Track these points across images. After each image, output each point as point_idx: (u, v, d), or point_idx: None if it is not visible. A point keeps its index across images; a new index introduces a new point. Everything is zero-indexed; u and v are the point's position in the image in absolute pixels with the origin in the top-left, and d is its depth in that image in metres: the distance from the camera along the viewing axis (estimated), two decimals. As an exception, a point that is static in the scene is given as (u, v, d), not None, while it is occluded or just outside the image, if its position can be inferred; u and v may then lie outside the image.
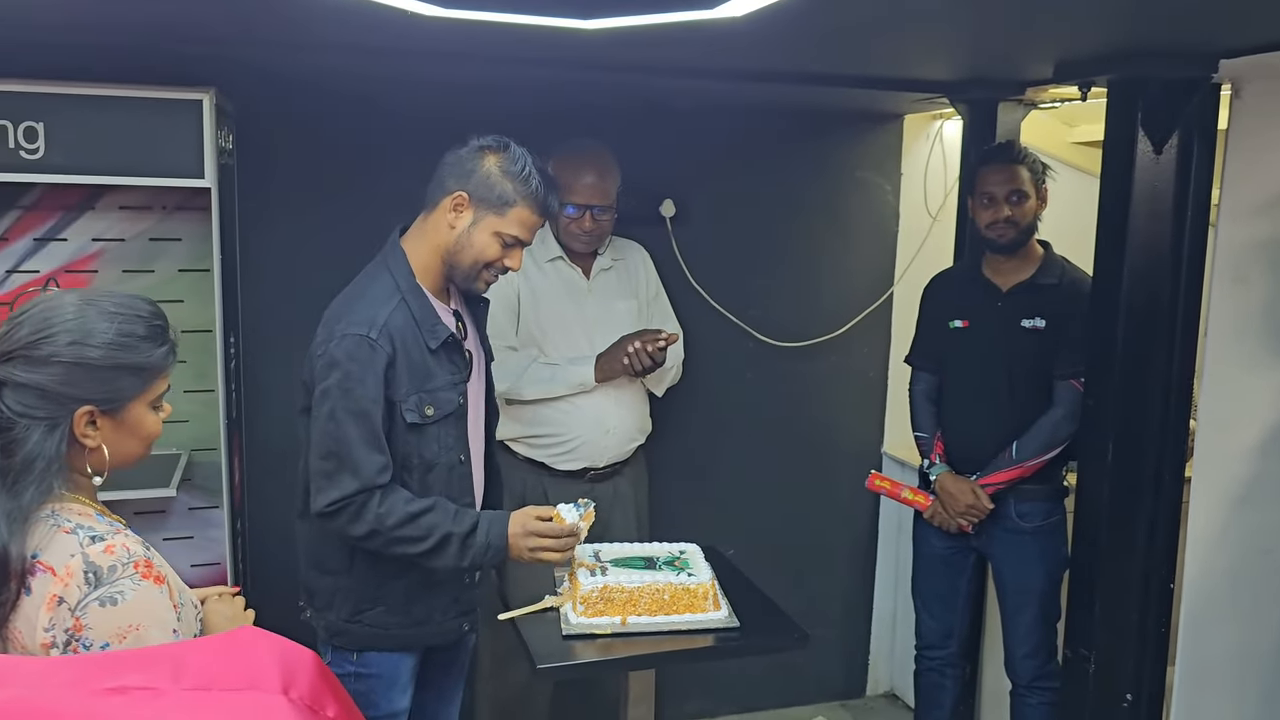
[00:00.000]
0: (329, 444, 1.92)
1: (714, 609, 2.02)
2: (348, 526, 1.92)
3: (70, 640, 1.22)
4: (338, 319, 1.97)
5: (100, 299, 1.37)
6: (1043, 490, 2.76)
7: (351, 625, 2.03)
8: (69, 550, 1.25)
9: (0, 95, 2.28)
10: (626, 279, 2.89)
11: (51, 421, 1.29)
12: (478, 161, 1.99)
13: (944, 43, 2.30)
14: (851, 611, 3.69)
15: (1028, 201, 2.67)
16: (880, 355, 3.55)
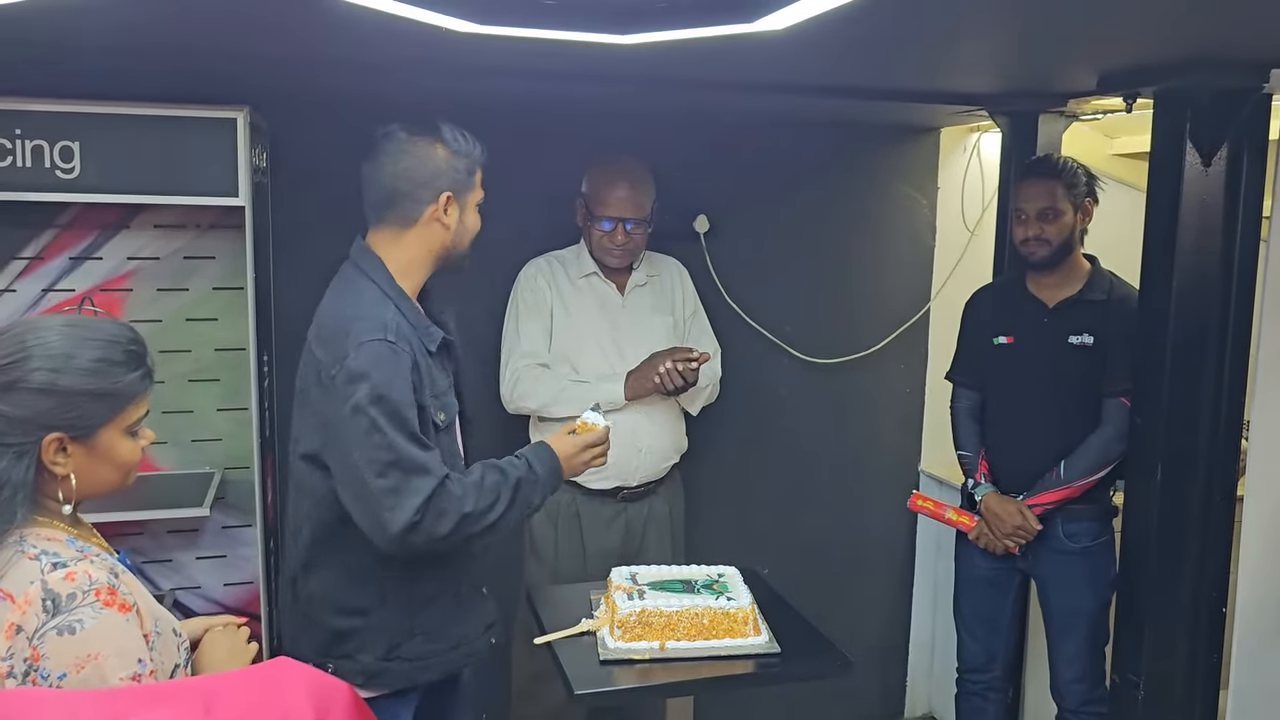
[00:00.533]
0: (383, 457, 1.76)
1: (754, 634, 1.97)
2: (435, 527, 1.78)
3: (29, 670, 1.18)
4: (341, 334, 1.83)
5: (74, 325, 1.34)
6: (1091, 510, 2.69)
7: (389, 664, 1.91)
8: (29, 577, 1.21)
9: (37, 115, 2.28)
10: (662, 295, 2.85)
11: (19, 448, 1.26)
12: (432, 160, 1.94)
13: (985, 54, 2.25)
14: (889, 632, 3.63)
15: (1061, 218, 2.62)
16: (917, 372, 3.49)
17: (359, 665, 1.90)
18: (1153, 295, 2.39)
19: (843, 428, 3.46)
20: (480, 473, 1.88)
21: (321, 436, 1.87)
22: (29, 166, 2.29)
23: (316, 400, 1.87)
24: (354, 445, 1.78)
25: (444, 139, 1.96)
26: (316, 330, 1.94)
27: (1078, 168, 2.66)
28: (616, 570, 2.16)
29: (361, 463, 1.78)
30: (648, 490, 2.77)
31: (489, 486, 1.86)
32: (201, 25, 1.88)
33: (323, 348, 1.87)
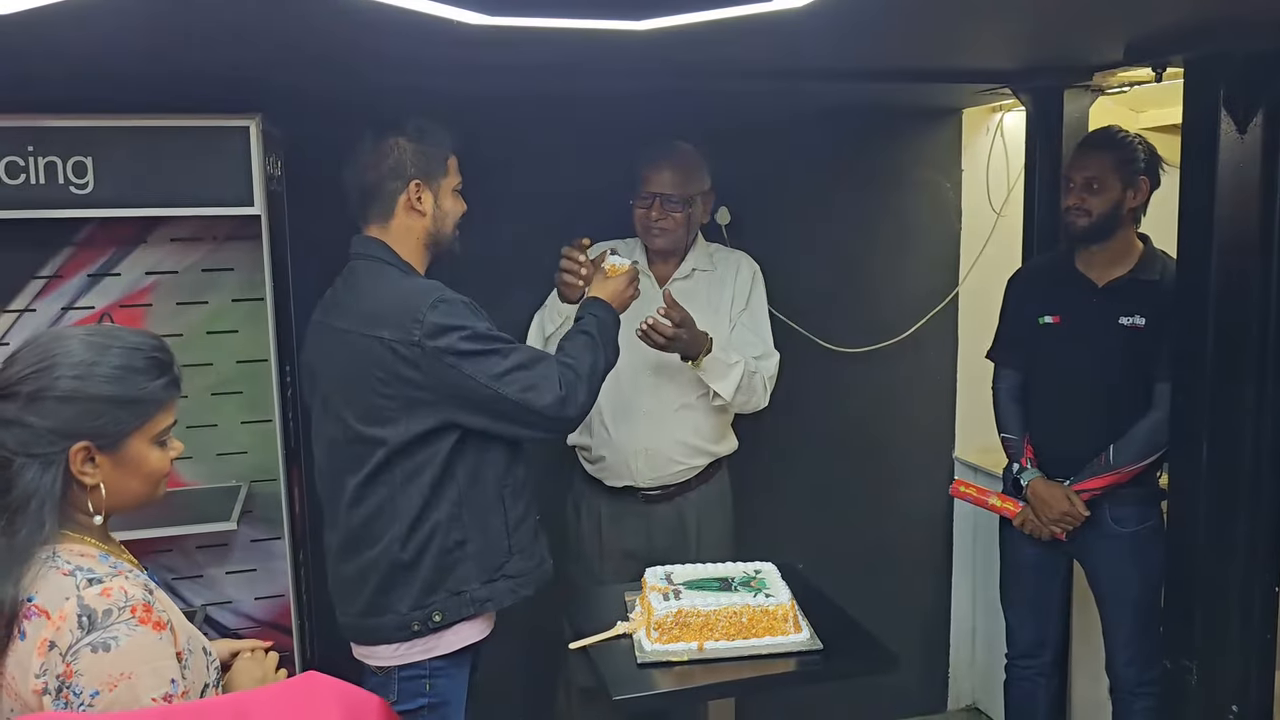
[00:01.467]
0: (501, 367, 1.98)
1: (795, 631, 1.93)
2: (576, 392, 2.03)
3: (62, 687, 1.17)
4: (402, 309, 1.99)
5: (98, 333, 1.34)
6: (1138, 494, 2.63)
7: (495, 583, 2.09)
8: (64, 593, 1.21)
9: (49, 131, 2.26)
10: (709, 291, 2.70)
11: (46, 458, 1.26)
12: (396, 151, 2.11)
13: (1008, 28, 2.19)
14: (929, 623, 3.57)
15: (1106, 191, 2.55)
16: (948, 358, 3.43)
17: (466, 596, 2.07)
18: (1191, 269, 2.32)
19: (874, 417, 3.40)
20: (570, 341, 2.15)
21: (428, 402, 2.01)
22: (43, 183, 2.26)
23: (405, 375, 1.99)
24: (472, 379, 1.98)
25: (406, 132, 2.12)
26: (364, 317, 2.05)
27: (1139, 145, 2.58)
28: (651, 570, 2.12)
29: (489, 386, 1.98)
30: (674, 493, 2.69)
31: (584, 345, 2.13)
32: (210, 30, 1.85)
33: (387, 328, 2.00)
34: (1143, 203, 2.62)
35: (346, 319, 2.10)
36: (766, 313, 2.77)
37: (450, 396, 2.01)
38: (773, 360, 2.71)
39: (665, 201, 2.60)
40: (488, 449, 2.09)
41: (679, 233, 2.64)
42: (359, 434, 2.07)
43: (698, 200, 2.65)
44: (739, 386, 2.59)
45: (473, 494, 2.08)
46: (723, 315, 2.70)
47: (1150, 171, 2.60)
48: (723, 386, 2.58)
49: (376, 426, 2.05)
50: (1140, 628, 2.64)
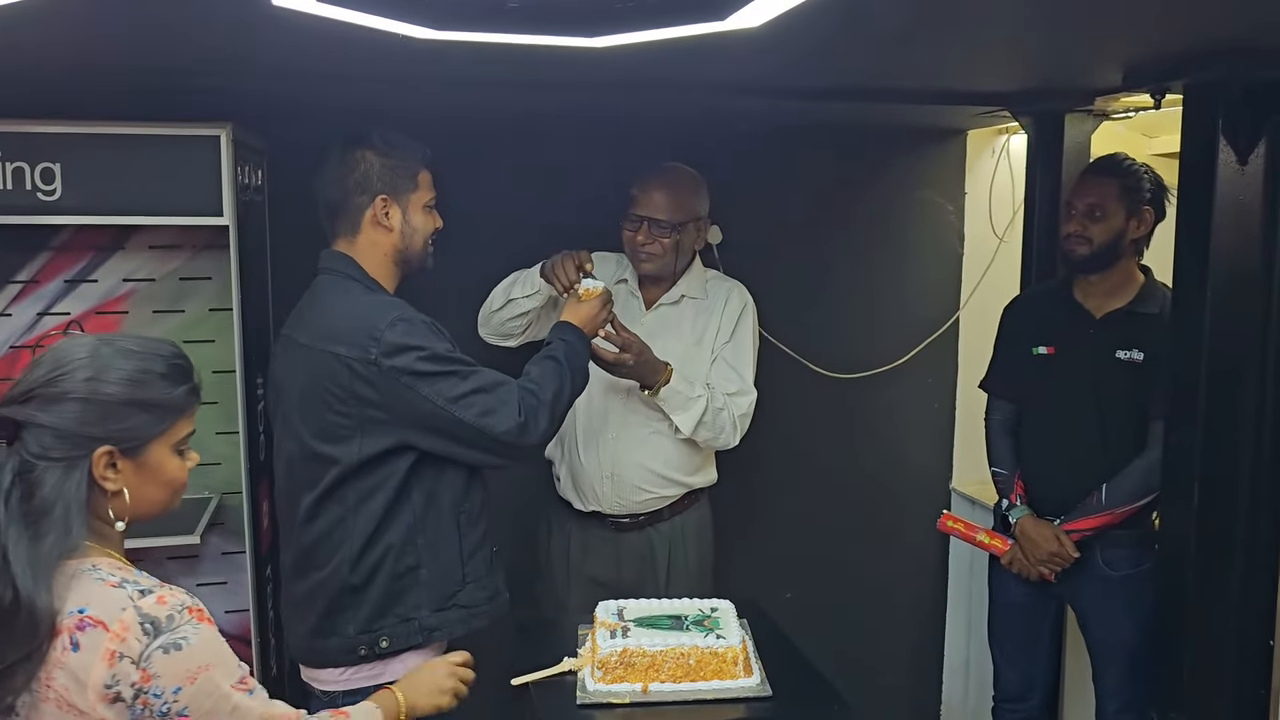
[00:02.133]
0: (459, 390, 1.94)
1: (745, 675, 1.84)
2: (537, 419, 2.00)
3: (139, 693, 1.21)
4: (361, 327, 1.95)
5: (119, 339, 1.36)
6: (1131, 536, 2.52)
7: (446, 613, 2.05)
8: (119, 604, 1.23)
9: (17, 137, 2.25)
10: (695, 319, 2.61)
11: (69, 462, 1.27)
12: (363, 164, 2.07)
13: (993, 51, 2.11)
14: (921, 659, 3.47)
15: (1108, 219, 2.46)
16: (947, 385, 3.34)
17: (415, 623, 2.02)
18: (1186, 303, 2.22)
19: (869, 445, 3.32)
20: (536, 366, 2.11)
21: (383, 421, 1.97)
22: (10, 189, 2.25)
23: (360, 393, 1.96)
24: (429, 401, 1.94)
25: (373, 145, 2.08)
26: (324, 332, 2.01)
27: (1145, 174, 2.49)
28: (603, 605, 2.06)
29: (446, 409, 1.94)
30: (644, 522, 2.61)
31: (550, 371, 2.09)
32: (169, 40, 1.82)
33: (344, 345, 1.96)
34: (1146, 234, 2.53)
35: (307, 334, 2.07)
36: (752, 348, 2.66)
37: (406, 417, 1.97)
38: (747, 399, 2.59)
39: (654, 226, 2.52)
40: (444, 472, 2.05)
41: (666, 258, 2.55)
42: (314, 451, 2.03)
43: (689, 227, 2.56)
44: (700, 421, 2.50)
45: (428, 518, 2.04)
46: (705, 346, 2.61)
47: (1155, 202, 2.50)
48: (682, 419, 2.49)
49: (330, 444, 2.01)
50: (1131, 675, 2.53)
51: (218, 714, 1.26)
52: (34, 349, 2.56)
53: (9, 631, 1.20)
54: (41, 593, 1.21)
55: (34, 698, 1.21)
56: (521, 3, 1.57)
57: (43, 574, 1.22)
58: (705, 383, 2.56)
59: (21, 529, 1.23)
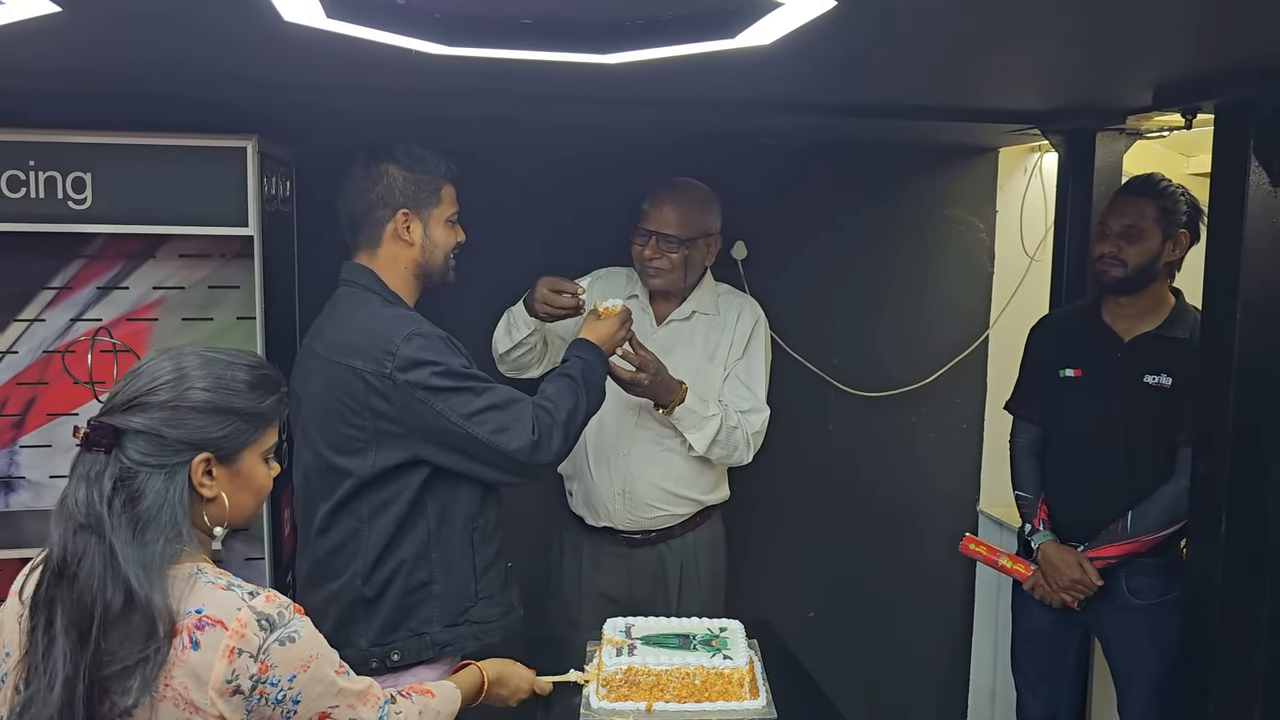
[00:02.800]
0: (474, 407, 1.94)
1: (750, 697, 1.82)
2: (551, 437, 1.99)
3: (257, 684, 1.28)
4: (377, 342, 1.96)
5: (211, 351, 1.41)
6: (1158, 564, 2.46)
7: (458, 628, 2.04)
8: (234, 605, 1.29)
9: (50, 147, 2.30)
10: (706, 335, 2.58)
11: (170, 470, 1.31)
12: (385, 178, 2.08)
13: (1019, 69, 2.08)
14: (946, 684, 3.41)
15: (1144, 241, 2.41)
16: (975, 405, 3.29)
17: (427, 638, 2.02)
18: (1215, 327, 2.17)
19: (894, 465, 3.28)
20: (552, 384, 2.10)
21: (397, 435, 1.97)
22: (42, 197, 2.31)
23: (375, 407, 1.96)
24: (442, 416, 1.94)
25: (397, 159, 2.09)
26: (340, 345, 2.02)
27: (1182, 196, 2.45)
28: (611, 622, 2.04)
29: (459, 425, 1.94)
30: (655, 539, 2.59)
31: (565, 389, 2.08)
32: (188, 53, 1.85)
33: (360, 358, 1.97)
34: (1180, 257, 2.47)
35: (325, 345, 2.08)
36: (764, 365, 2.63)
37: (419, 431, 1.98)
38: (760, 416, 2.57)
39: (662, 240, 2.50)
40: (459, 488, 2.05)
41: (675, 274, 2.53)
42: (329, 463, 2.05)
43: (699, 243, 2.54)
44: (715, 440, 2.48)
45: (441, 534, 2.04)
46: (718, 363, 2.58)
47: (1191, 225, 2.45)
48: (696, 438, 2.48)
49: (345, 456, 2.03)
50: (1156, 707, 2.47)
51: (326, 696, 1.35)
52: (63, 354, 2.61)
53: (124, 631, 1.24)
54: (157, 593, 1.25)
55: (152, 698, 1.25)
56: (535, 20, 1.59)
57: (156, 577, 1.26)
58: (718, 400, 2.54)
59: (129, 534, 1.27)
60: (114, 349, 2.59)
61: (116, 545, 1.26)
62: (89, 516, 1.28)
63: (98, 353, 2.61)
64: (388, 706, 1.47)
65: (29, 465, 2.69)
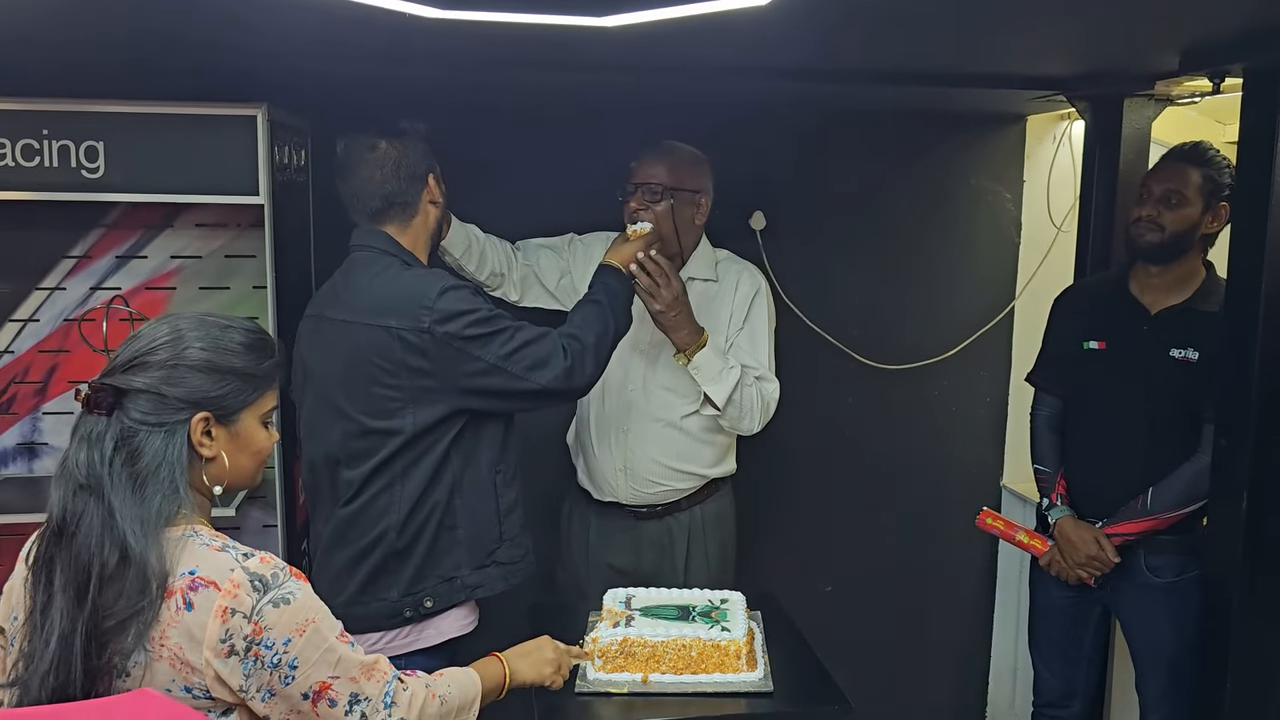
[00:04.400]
0: (509, 348, 2.00)
1: (748, 669, 1.80)
2: (583, 362, 2.08)
3: (251, 645, 1.28)
4: (409, 299, 2.00)
5: (208, 316, 1.43)
6: (1177, 542, 2.40)
7: (487, 569, 2.09)
8: (227, 565, 1.30)
9: (63, 116, 2.30)
10: (705, 305, 2.50)
11: (170, 428, 1.33)
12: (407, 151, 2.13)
13: (1038, 30, 2.02)
14: (967, 661, 3.38)
15: (1186, 208, 2.34)
16: (999, 378, 3.23)
17: (458, 582, 2.06)
18: (1240, 299, 2.11)
19: (916, 439, 3.23)
20: (579, 311, 2.19)
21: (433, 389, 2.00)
22: (56, 166, 2.31)
23: (412, 364, 1.99)
24: (481, 360, 1.99)
25: (404, 131, 2.14)
26: (370, 307, 2.03)
27: (1227, 167, 2.36)
28: (611, 593, 2.04)
29: (499, 366, 2.00)
30: (662, 512, 2.58)
31: (593, 315, 2.17)
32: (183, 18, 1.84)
33: (394, 317, 1.99)
34: (1218, 230, 2.40)
35: (347, 311, 2.09)
36: (768, 334, 2.57)
37: (456, 381, 2.01)
38: (773, 386, 2.52)
39: (646, 191, 2.44)
40: (481, 434, 2.09)
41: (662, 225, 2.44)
42: (365, 427, 2.05)
43: (687, 197, 2.46)
44: (731, 397, 2.42)
45: (465, 479, 2.08)
46: (718, 333, 2.51)
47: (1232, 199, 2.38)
48: (715, 390, 2.41)
49: (383, 419, 2.03)
50: (1174, 687, 2.43)
51: (324, 664, 1.33)
52: (79, 322, 2.64)
53: (118, 588, 1.26)
54: (152, 551, 1.27)
55: (148, 657, 1.27)
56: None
57: (152, 533, 1.28)
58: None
59: (128, 491, 1.29)
60: (130, 318, 2.61)
61: (115, 503, 1.28)
62: (89, 477, 1.30)
63: (116, 321, 2.63)
64: (394, 684, 1.44)
65: (51, 431, 2.72)
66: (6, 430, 2.71)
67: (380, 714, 1.39)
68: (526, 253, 2.67)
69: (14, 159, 2.30)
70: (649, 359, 2.53)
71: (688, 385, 2.48)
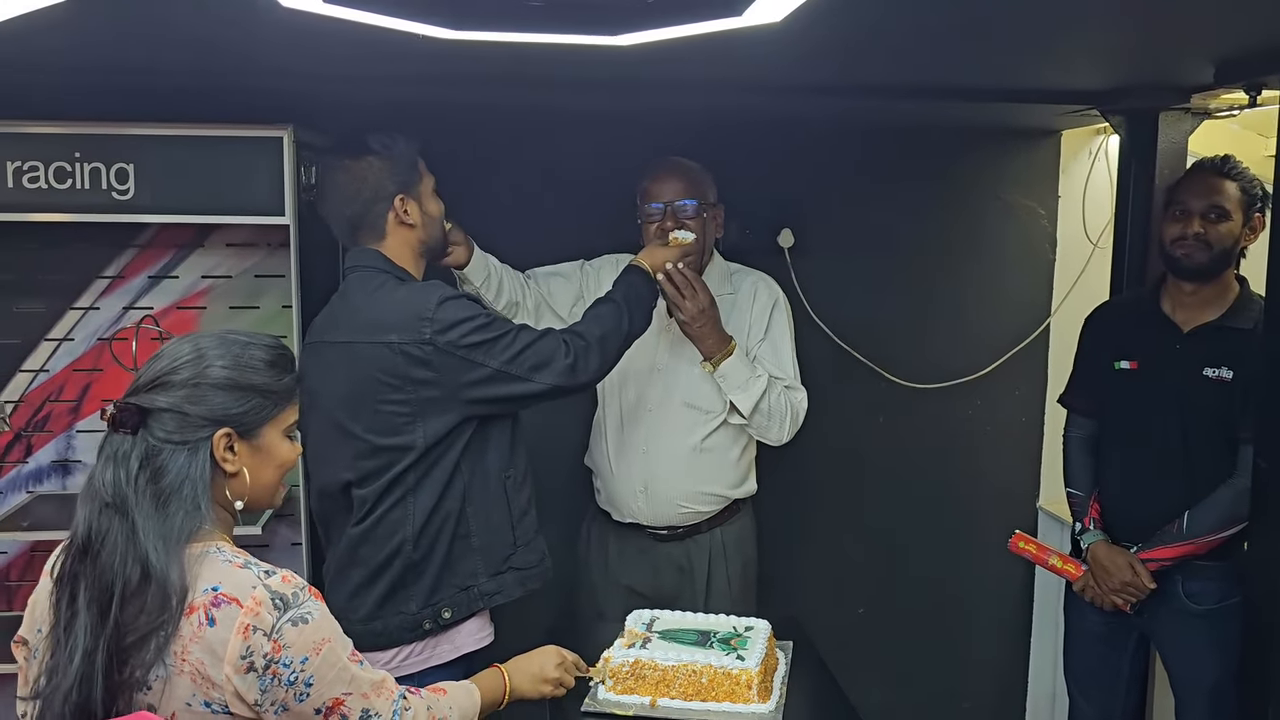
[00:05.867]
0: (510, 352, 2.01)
1: (758, 700, 1.76)
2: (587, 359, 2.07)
3: (270, 663, 1.29)
4: (409, 312, 1.99)
5: (229, 332, 1.46)
6: (1217, 568, 2.33)
7: (503, 575, 2.09)
8: (249, 583, 1.31)
9: (95, 139, 2.34)
10: (725, 318, 2.46)
11: (193, 445, 1.35)
12: (370, 171, 2.08)
13: (1066, 44, 1.98)
14: (1003, 689, 3.30)
15: (1227, 223, 2.29)
16: (1034, 397, 3.17)
17: (475, 590, 2.06)
18: (1276, 315, 2.04)
19: (949, 460, 3.17)
20: (593, 308, 2.19)
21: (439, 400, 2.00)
22: (87, 188, 2.36)
23: (416, 377, 1.99)
24: (484, 367, 1.99)
25: (373, 150, 2.09)
26: (369, 325, 2.03)
27: (1256, 179, 2.33)
28: (635, 614, 2.01)
29: (502, 370, 2.01)
30: (683, 534, 2.55)
31: (606, 312, 2.16)
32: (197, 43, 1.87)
33: (394, 332, 1.99)
34: (1250, 244, 2.34)
35: (346, 332, 2.09)
36: (790, 343, 2.54)
37: (461, 390, 2.01)
38: (801, 394, 2.50)
39: (680, 211, 2.42)
40: (489, 440, 2.08)
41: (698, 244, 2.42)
42: (375, 446, 2.04)
43: (712, 212, 2.48)
44: (758, 406, 2.40)
45: (475, 487, 2.07)
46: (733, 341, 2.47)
47: (1264, 209, 2.32)
48: (741, 399, 2.39)
49: (392, 436, 2.03)
50: (1215, 717, 2.35)
51: (338, 682, 1.36)
52: (111, 341, 2.68)
53: (140, 604, 1.28)
54: (173, 567, 1.29)
55: (169, 671, 1.29)
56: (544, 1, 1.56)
57: (174, 550, 1.30)
58: None
59: (151, 509, 1.31)
60: (160, 337, 2.64)
61: (138, 520, 1.30)
62: (115, 496, 1.32)
63: (146, 340, 2.66)
64: (400, 701, 1.46)
65: (85, 449, 2.76)
66: (42, 448, 2.75)
67: None
68: (538, 281, 2.64)
69: (46, 181, 2.35)
70: (667, 376, 2.52)
71: (710, 398, 2.46)
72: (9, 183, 2.34)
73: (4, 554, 2.73)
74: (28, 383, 2.69)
